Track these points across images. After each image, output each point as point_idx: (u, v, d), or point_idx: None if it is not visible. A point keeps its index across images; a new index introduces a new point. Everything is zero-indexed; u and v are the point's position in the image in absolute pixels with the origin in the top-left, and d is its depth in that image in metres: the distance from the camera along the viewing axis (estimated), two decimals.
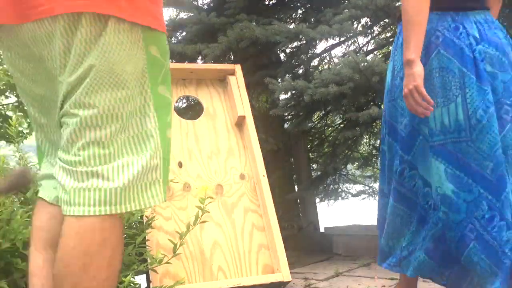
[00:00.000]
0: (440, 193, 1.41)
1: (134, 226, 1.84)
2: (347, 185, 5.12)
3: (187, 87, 2.63)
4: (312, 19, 3.51)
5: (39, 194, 1.05)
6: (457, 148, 1.39)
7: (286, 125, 4.87)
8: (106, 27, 0.84)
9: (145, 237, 1.72)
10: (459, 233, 1.39)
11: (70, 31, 0.83)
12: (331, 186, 4.46)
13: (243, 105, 2.49)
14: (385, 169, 1.62)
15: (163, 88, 0.95)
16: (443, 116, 1.42)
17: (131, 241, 1.64)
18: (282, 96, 3.53)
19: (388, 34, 5.77)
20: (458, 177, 1.39)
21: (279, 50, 4.11)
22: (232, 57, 4.10)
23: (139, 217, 1.79)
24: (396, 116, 1.52)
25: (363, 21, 3.84)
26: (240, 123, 2.50)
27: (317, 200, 4.77)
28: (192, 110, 4.17)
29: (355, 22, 3.58)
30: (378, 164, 1.87)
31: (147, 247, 1.81)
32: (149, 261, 1.73)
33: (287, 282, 2.07)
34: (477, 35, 1.42)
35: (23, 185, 1.25)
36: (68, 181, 0.86)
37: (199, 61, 4.14)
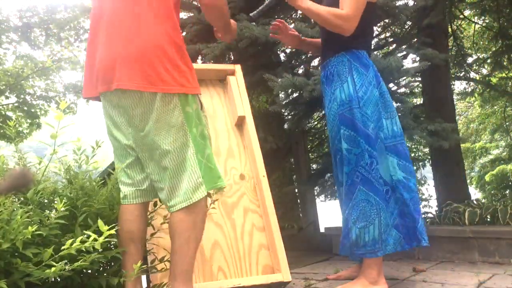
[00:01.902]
0: (395, 179, 2.03)
1: None
2: None
3: None
4: (312, 19, 3.51)
5: None
6: (404, 146, 2.10)
7: (286, 125, 4.87)
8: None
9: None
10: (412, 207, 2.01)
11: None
12: (332, 187, 4.45)
13: (243, 105, 2.49)
14: (341, 161, 2.10)
15: (195, 129, 1.55)
16: (392, 125, 2.09)
17: None
18: (282, 94, 3.52)
19: (388, 34, 5.77)
20: (404, 166, 2.06)
21: (278, 50, 4.11)
22: (232, 57, 4.10)
23: None
24: (364, 121, 2.00)
25: None
26: (240, 123, 2.50)
27: (317, 198, 4.76)
28: None
29: None
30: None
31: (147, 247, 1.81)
32: (149, 260, 1.73)
33: (287, 282, 2.07)
34: None
35: (23, 185, 1.26)
36: None
37: (199, 61, 4.14)
